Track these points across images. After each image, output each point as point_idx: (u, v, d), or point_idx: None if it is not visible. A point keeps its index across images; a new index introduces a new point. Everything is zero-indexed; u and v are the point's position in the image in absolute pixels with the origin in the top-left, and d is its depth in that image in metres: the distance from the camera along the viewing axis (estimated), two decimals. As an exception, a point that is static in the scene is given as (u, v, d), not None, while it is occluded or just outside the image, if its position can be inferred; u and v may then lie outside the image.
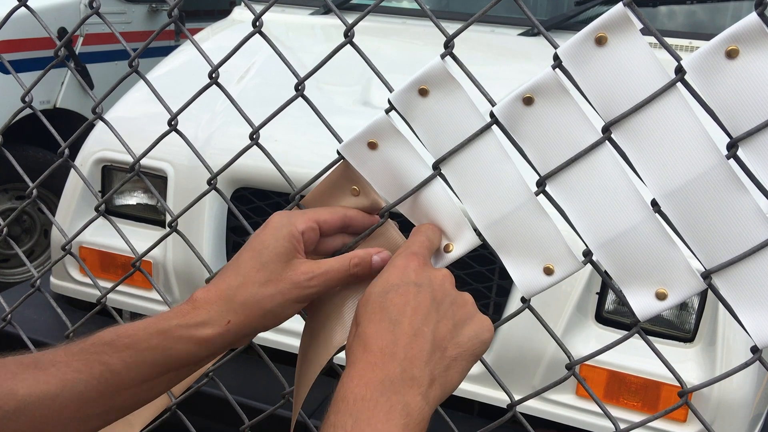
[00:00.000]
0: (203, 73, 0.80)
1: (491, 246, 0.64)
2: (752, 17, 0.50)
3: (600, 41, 0.54)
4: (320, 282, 0.62)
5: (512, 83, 0.60)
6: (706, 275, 0.56)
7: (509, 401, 0.70)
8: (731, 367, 0.60)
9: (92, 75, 3.23)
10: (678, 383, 0.63)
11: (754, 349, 0.57)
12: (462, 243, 0.66)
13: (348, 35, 0.69)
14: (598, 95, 0.55)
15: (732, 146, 0.53)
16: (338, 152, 0.67)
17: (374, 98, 1.74)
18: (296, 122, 1.54)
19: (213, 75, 0.79)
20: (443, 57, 0.61)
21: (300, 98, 0.74)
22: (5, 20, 0.98)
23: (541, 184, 0.60)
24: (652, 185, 0.56)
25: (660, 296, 0.58)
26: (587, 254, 0.61)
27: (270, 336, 1.57)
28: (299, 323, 0.70)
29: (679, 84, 0.54)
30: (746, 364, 0.57)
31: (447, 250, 0.66)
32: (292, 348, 1.57)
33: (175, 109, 0.84)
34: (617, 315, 1.46)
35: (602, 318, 1.46)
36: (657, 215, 0.57)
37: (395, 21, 2.33)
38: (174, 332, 0.59)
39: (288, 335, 1.56)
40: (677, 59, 0.53)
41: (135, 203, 1.78)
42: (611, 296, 1.46)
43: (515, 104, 0.59)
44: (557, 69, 0.57)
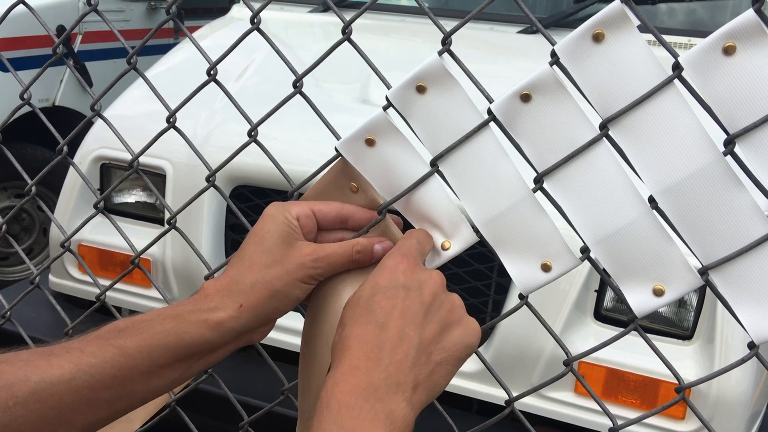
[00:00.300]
0: (202, 71, 0.80)
1: (489, 243, 0.64)
2: (749, 14, 0.50)
3: (597, 38, 0.54)
4: (324, 264, 0.63)
5: (510, 81, 0.60)
6: (703, 271, 0.56)
7: (508, 398, 0.70)
8: (728, 365, 0.60)
9: (91, 73, 3.22)
10: (676, 380, 0.63)
11: (751, 345, 0.57)
12: (459, 240, 0.66)
13: (346, 32, 0.69)
14: (596, 92, 0.56)
15: (729, 143, 0.53)
16: (336, 149, 0.67)
17: (373, 96, 1.74)
18: (294, 120, 1.54)
19: (211, 72, 0.79)
20: (441, 54, 0.61)
21: (298, 97, 0.75)
22: (3, 17, 0.98)
23: (539, 181, 0.61)
24: (650, 182, 0.56)
25: (657, 292, 0.58)
26: (585, 251, 0.61)
27: (269, 334, 1.56)
28: (298, 321, 0.70)
29: (677, 81, 0.54)
30: (743, 360, 0.57)
31: (444, 248, 0.66)
32: (291, 346, 1.58)
33: (174, 107, 0.84)
34: (616, 313, 1.46)
35: (601, 316, 1.46)
36: (654, 212, 0.57)
37: (394, 19, 2.33)
38: (187, 317, 0.61)
39: (287, 333, 1.56)
40: (674, 56, 0.53)
41: (133, 201, 1.78)
42: (610, 294, 1.46)
43: (513, 101, 0.59)
44: (555, 66, 0.57)
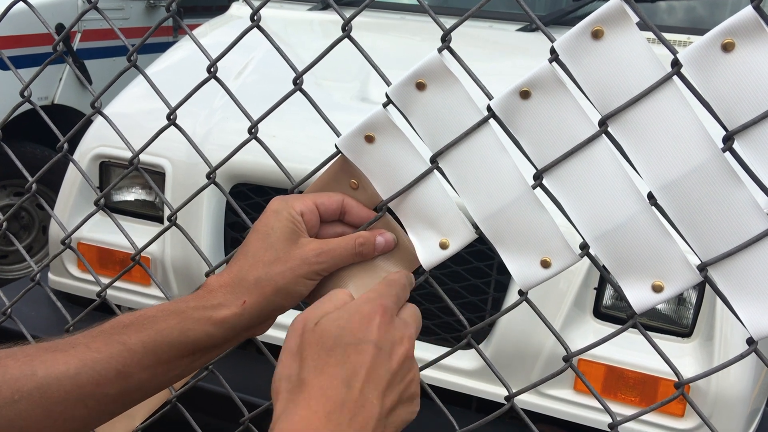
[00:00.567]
0: (201, 69, 0.80)
1: (488, 239, 0.64)
2: (748, 10, 0.50)
3: (596, 35, 0.54)
4: (328, 258, 0.63)
5: (510, 78, 0.60)
6: (702, 268, 0.56)
7: (507, 394, 0.70)
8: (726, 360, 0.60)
9: (90, 71, 3.22)
10: (675, 376, 0.63)
11: (750, 341, 0.57)
12: (458, 238, 0.66)
13: (345, 29, 0.69)
14: (595, 89, 0.56)
15: (728, 139, 0.53)
16: (336, 146, 0.67)
17: (372, 94, 1.74)
18: (294, 118, 1.54)
19: (211, 69, 0.79)
20: (440, 51, 0.62)
21: (298, 94, 0.75)
22: (3, 15, 0.98)
23: (538, 178, 0.61)
24: (649, 178, 0.56)
25: (656, 289, 0.58)
26: (584, 247, 0.61)
27: (269, 331, 1.56)
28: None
29: (676, 77, 0.54)
30: (742, 356, 0.58)
31: (443, 246, 0.66)
32: (291, 343, 1.57)
33: (173, 104, 0.84)
34: (615, 310, 1.46)
35: (600, 313, 1.46)
36: (653, 208, 0.57)
37: (393, 17, 2.33)
38: (191, 313, 0.61)
39: (286, 331, 1.56)
40: (673, 52, 0.53)
41: (133, 199, 1.78)
42: (609, 291, 1.46)
43: (512, 98, 0.59)
44: (554, 63, 0.57)
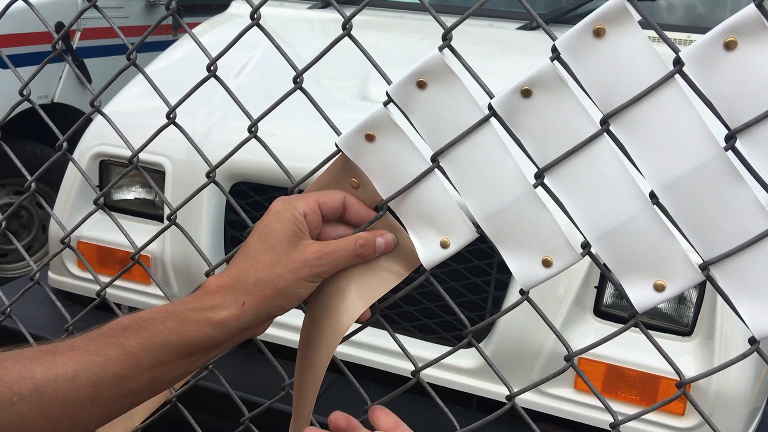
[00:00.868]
0: (201, 68, 0.80)
1: (490, 238, 0.64)
2: (750, 8, 0.50)
3: (598, 33, 0.54)
4: (329, 261, 0.63)
5: (510, 77, 0.60)
6: (704, 267, 0.56)
7: (508, 394, 0.70)
8: (728, 360, 0.60)
9: (90, 70, 3.22)
10: (676, 375, 0.63)
11: (752, 341, 0.57)
12: (459, 237, 0.66)
13: (346, 27, 0.69)
14: (597, 87, 0.55)
15: (730, 138, 0.53)
16: (336, 145, 0.67)
17: (372, 92, 1.74)
18: (294, 116, 1.54)
19: (211, 68, 0.79)
20: (441, 49, 0.61)
21: (298, 93, 0.74)
22: (2, 13, 0.98)
23: (540, 177, 0.60)
24: (651, 177, 0.56)
25: (658, 288, 0.58)
26: (585, 246, 0.61)
27: (269, 331, 1.56)
28: (298, 318, 0.70)
29: (678, 76, 0.53)
30: (744, 355, 0.57)
31: (444, 246, 0.66)
32: (292, 343, 1.57)
33: (173, 103, 0.84)
34: (615, 309, 1.46)
35: (600, 312, 1.46)
36: (655, 207, 0.57)
37: (393, 15, 2.32)
38: (189, 315, 0.60)
39: (288, 330, 1.56)
40: (675, 51, 0.53)
41: (132, 198, 1.78)
42: (609, 290, 1.46)
43: (513, 96, 0.59)
44: (555, 61, 0.57)
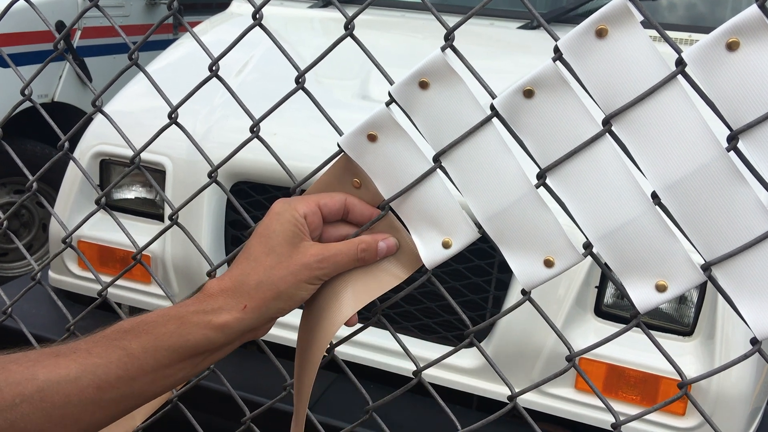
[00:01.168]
0: (202, 67, 0.80)
1: (491, 239, 0.64)
2: (753, 9, 0.50)
3: (601, 33, 0.54)
4: (330, 264, 0.63)
5: (511, 76, 0.60)
6: (706, 267, 0.56)
7: (509, 394, 0.70)
8: (730, 360, 0.60)
9: (90, 69, 3.22)
10: (677, 375, 0.63)
11: (754, 341, 0.57)
12: (460, 237, 0.66)
13: (348, 27, 0.69)
14: (599, 88, 0.55)
15: (732, 138, 0.53)
16: (338, 145, 0.67)
17: (373, 92, 1.74)
18: (295, 116, 1.54)
19: (213, 68, 0.79)
20: (443, 49, 0.61)
21: (298, 92, 0.74)
22: (4, 13, 0.98)
23: (542, 177, 0.60)
24: (653, 177, 0.56)
25: (660, 288, 0.58)
26: (587, 246, 0.61)
27: (271, 331, 1.56)
28: (299, 318, 0.70)
29: (680, 76, 0.53)
30: (746, 356, 0.57)
31: (446, 246, 0.66)
32: (293, 343, 1.57)
33: (175, 103, 0.84)
34: (616, 309, 1.46)
35: (601, 312, 1.46)
36: (657, 207, 0.57)
37: (394, 14, 2.32)
38: (191, 318, 0.61)
39: (289, 330, 1.56)
40: (678, 51, 0.53)
41: (133, 197, 1.78)
42: (610, 290, 1.46)
43: (516, 97, 0.59)
44: (558, 61, 0.57)
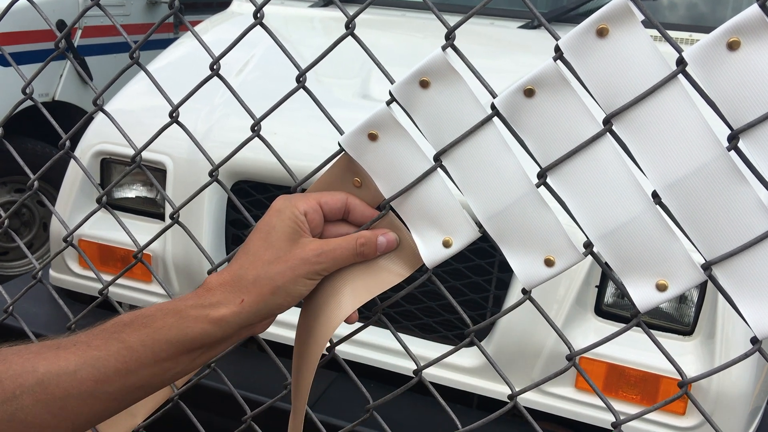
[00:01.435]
0: (202, 66, 0.80)
1: (492, 238, 0.64)
2: (754, 9, 0.50)
3: (601, 33, 0.54)
4: (329, 258, 0.63)
5: (512, 76, 0.60)
6: (707, 266, 0.56)
7: (510, 393, 0.70)
8: (730, 360, 0.60)
9: (90, 68, 3.22)
10: (678, 375, 0.63)
11: (754, 340, 0.57)
12: (461, 236, 0.66)
13: (349, 27, 0.69)
14: (600, 87, 0.55)
15: (733, 138, 0.53)
16: (339, 144, 0.67)
17: (373, 91, 1.74)
18: (295, 115, 1.54)
19: (214, 67, 0.79)
20: (444, 49, 0.61)
21: (299, 91, 0.74)
22: (5, 11, 0.98)
23: (542, 176, 0.60)
24: (653, 177, 0.56)
25: (660, 287, 0.58)
26: (588, 246, 0.61)
27: (270, 329, 1.57)
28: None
29: (681, 76, 0.54)
30: (746, 355, 0.57)
31: (446, 245, 0.66)
32: (293, 341, 1.57)
33: (176, 102, 0.84)
34: (616, 308, 1.46)
35: (601, 311, 1.46)
36: (658, 207, 0.57)
37: (394, 14, 2.32)
38: (189, 312, 0.61)
39: (289, 328, 1.56)
40: (679, 51, 0.53)
41: (134, 196, 1.78)
42: (610, 289, 1.46)
43: (516, 96, 0.59)
44: (558, 61, 0.57)
